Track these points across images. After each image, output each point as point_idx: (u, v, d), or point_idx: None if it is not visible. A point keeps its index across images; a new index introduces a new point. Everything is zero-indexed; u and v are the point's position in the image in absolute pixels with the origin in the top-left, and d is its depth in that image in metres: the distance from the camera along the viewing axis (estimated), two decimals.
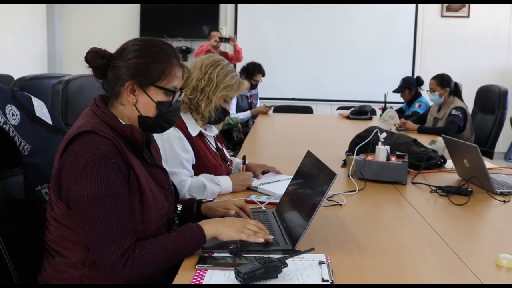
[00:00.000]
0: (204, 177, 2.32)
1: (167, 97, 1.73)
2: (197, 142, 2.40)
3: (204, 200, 2.06)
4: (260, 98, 6.71)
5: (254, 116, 6.04)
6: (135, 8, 8.10)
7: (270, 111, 6.34)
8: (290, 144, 4.09)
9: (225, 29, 8.10)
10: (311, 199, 1.75)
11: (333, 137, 4.34)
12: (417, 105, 5.73)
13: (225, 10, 8.20)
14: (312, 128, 5.27)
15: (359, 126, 3.25)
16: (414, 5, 8.16)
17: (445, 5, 8.20)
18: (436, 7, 8.22)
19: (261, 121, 5.65)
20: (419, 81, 5.91)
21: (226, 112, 2.49)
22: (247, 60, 6.51)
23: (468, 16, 8.23)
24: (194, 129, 2.41)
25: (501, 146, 7.77)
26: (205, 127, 2.52)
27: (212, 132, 2.56)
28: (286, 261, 1.49)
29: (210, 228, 1.64)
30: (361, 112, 5.79)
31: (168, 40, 1.77)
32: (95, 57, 1.70)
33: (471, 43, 8.22)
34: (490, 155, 4.81)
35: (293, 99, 8.11)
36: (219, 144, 2.61)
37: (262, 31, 8.19)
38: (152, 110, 1.72)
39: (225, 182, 2.35)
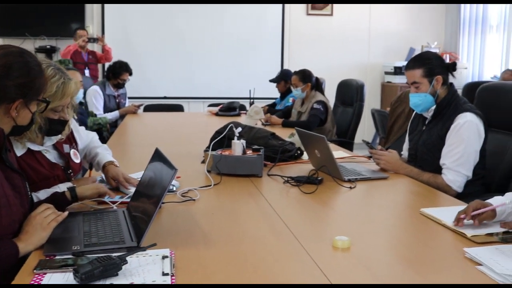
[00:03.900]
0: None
1: (39, 106, 1.83)
2: (25, 161, 2.14)
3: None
4: (130, 98, 6.58)
5: (123, 116, 5.93)
6: None
7: (140, 110, 6.26)
8: (157, 142, 4.02)
9: (92, 28, 7.86)
10: (155, 195, 1.76)
11: (200, 134, 4.35)
12: (290, 99, 5.88)
13: (92, 7, 7.94)
14: (180, 125, 5.26)
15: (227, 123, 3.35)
16: (281, 3, 8.40)
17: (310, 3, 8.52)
18: (302, 5, 8.52)
19: (130, 120, 5.56)
20: None
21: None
22: (116, 59, 6.35)
23: (331, 15, 8.62)
24: (19, 149, 2.13)
25: (366, 137, 8.21)
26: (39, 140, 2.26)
27: (51, 141, 2.29)
28: (128, 258, 1.50)
29: (24, 246, 1.63)
30: (230, 108, 5.87)
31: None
32: None
33: (335, 40, 8.63)
34: (350, 146, 5.07)
35: (165, 97, 8.05)
36: (66, 147, 2.37)
37: (131, 29, 8.03)
38: (28, 120, 1.76)
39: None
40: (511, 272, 1.47)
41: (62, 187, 2.17)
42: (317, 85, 5.21)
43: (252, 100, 5.45)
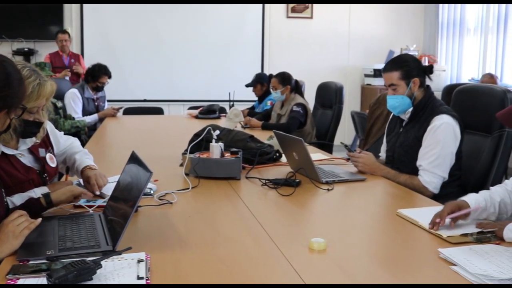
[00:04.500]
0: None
1: (18, 112, 1.80)
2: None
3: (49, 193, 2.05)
4: (109, 101, 6.54)
5: (102, 119, 5.89)
6: None
7: (119, 113, 6.21)
8: (136, 145, 4.00)
9: (71, 30, 7.78)
10: (131, 198, 1.75)
11: (180, 137, 4.33)
12: (268, 102, 5.89)
13: (70, 9, 7.87)
14: (160, 128, 5.24)
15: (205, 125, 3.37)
16: (261, 6, 8.41)
17: (290, 6, 8.55)
18: (282, 8, 8.54)
19: (109, 124, 5.52)
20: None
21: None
22: (95, 62, 6.29)
23: (311, 17, 8.66)
24: None
25: (346, 139, 8.24)
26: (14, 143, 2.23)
27: (26, 144, 2.26)
28: (103, 262, 1.49)
29: None
30: (210, 111, 5.86)
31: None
32: None
33: (315, 43, 8.67)
34: (329, 148, 5.09)
35: (145, 100, 8.02)
36: (42, 151, 2.33)
37: (110, 32, 7.96)
38: (6, 125, 1.74)
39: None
40: (484, 272, 1.48)
41: (38, 192, 2.14)
42: (297, 88, 5.22)
43: (231, 103, 5.44)
